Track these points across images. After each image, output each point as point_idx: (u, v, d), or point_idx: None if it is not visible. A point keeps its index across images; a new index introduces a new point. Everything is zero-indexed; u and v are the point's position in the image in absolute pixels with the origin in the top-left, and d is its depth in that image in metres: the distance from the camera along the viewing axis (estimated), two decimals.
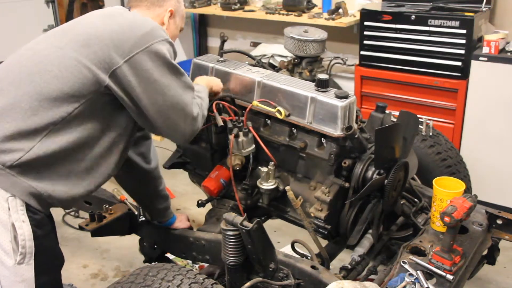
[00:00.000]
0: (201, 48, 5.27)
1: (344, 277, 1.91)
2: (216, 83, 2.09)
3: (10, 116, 1.49)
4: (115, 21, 1.65)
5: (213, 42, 5.19)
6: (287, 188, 1.93)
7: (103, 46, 1.56)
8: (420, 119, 2.25)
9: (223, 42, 2.58)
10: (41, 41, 1.67)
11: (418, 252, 1.83)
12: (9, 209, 1.48)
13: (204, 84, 2.00)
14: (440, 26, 3.19)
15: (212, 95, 2.09)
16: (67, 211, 3.39)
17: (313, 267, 1.75)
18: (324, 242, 2.06)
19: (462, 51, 3.17)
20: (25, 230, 1.50)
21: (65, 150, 1.55)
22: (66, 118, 1.53)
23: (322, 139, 1.98)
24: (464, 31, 3.12)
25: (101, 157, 1.66)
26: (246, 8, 4.36)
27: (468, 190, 2.54)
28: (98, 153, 1.65)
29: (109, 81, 1.57)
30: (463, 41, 3.14)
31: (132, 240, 2.56)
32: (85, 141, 1.60)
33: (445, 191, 1.91)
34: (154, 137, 2.15)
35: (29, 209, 1.52)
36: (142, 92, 1.62)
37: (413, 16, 3.28)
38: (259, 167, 2.07)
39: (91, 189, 1.69)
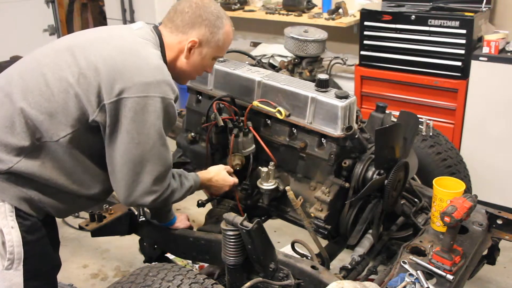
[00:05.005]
0: None
1: (344, 277, 1.91)
2: (220, 186, 2.02)
3: (1, 129, 1.51)
4: (123, 57, 1.57)
5: None
6: (287, 188, 1.93)
7: (99, 79, 1.53)
8: (420, 119, 2.25)
9: None
10: (48, 54, 1.63)
11: (418, 252, 1.83)
12: None
13: (208, 177, 1.97)
14: (440, 26, 3.19)
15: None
16: None
17: (313, 267, 1.74)
18: (324, 242, 2.06)
19: (462, 51, 3.17)
20: (14, 236, 1.51)
21: (49, 172, 1.55)
22: (49, 142, 1.54)
23: (322, 139, 1.98)
24: (464, 31, 3.12)
25: (87, 182, 1.66)
26: (246, 8, 4.36)
27: (468, 190, 2.54)
28: (84, 178, 1.64)
29: (98, 114, 1.54)
30: (463, 41, 3.15)
31: (132, 240, 2.56)
32: (68, 167, 1.59)
33: (445, 191, 1.91)
34: None
35: (19, 214, 1.53)
36: (109, 136, 1.57)
37: (413, 16, 3.28)
38: (259, 167, 2.06)
39: (81, 207, 1.75)
